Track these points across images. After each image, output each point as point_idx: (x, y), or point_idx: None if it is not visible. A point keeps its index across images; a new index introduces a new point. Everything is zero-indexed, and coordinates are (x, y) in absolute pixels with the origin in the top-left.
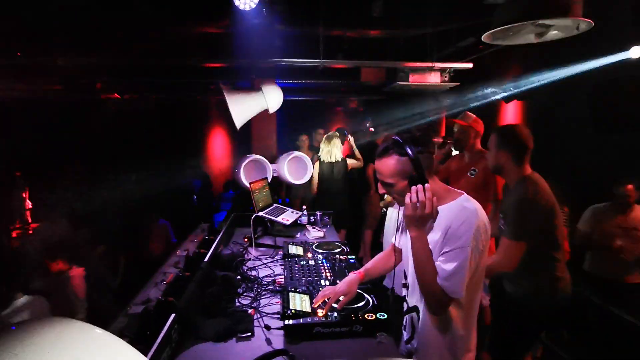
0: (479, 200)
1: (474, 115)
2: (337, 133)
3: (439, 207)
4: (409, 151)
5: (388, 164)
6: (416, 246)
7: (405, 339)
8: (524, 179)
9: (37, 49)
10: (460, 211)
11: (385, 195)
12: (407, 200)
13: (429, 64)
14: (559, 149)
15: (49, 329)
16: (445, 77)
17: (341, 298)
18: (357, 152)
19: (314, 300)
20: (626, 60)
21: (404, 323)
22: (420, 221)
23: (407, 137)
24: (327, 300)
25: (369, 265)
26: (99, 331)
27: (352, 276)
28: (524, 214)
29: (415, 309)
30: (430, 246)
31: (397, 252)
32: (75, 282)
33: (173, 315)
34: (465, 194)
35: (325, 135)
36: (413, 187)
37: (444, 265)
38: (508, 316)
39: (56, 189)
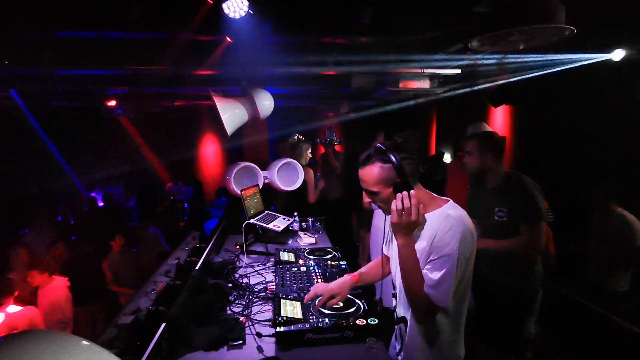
0: None
1: (489, 127)
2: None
3: (424, 215)
4: (392, 158)
5: (371, 172)
6: (403, 254)
7: (396, 350)
8: (512, 173)
9: (31, 56)
10: (445, 219)
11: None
12: (392, 207)
13: (418, 70)
14: (545, 152)
15: (34, 342)
16: (435, 82)
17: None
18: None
19: (305, 296)
20: (608, 62)
21: (395, 334)
22: (406, 229)
23: (390, 144)
24: (316, 302)
25: (363, 269)
26: (85, 343)
27: (347, 278)
28: (537, 196)
29: (403, 319)
30: (417, 255)
31: (387, 260)
32: (58, 292)
33: (163, 324)
34: (451, 201)
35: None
36: (398, 194)
37: (431, 274)
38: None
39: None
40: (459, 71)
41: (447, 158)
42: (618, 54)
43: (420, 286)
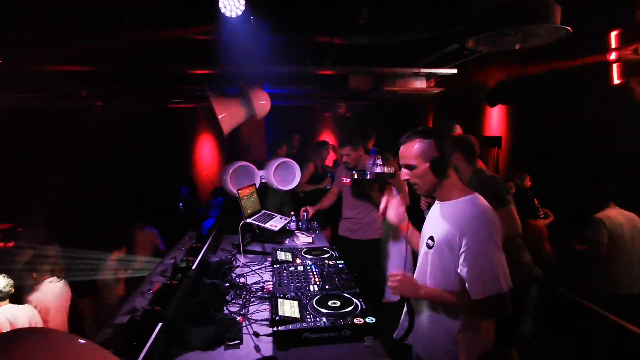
0: None
1: (459, 126)
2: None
3: (448, 201)
4: (434, 135)
5: (412, 146)
6: (431, 298)
7: (405, 326)
8: (478, 170)
9: (20, 56)
10: (467, 208)
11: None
12: (390, 287)
13: (415, 70)
14: (542, 151)
15: (32, 340)
16: (431, 82)
17: None
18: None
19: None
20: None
21: (404, 310)
22: (411, 289)
23: (430, 127)
24: None
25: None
26: (82, 341)
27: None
28: (497, 184)
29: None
30: (437, 245)
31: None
32: (53, 288)
33: (160, 324)
34: (476, 194)
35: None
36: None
37: (466, 269)
38: None
39: (40, 198)
40: (455, 71)
41: None
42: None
43: (459, 300)
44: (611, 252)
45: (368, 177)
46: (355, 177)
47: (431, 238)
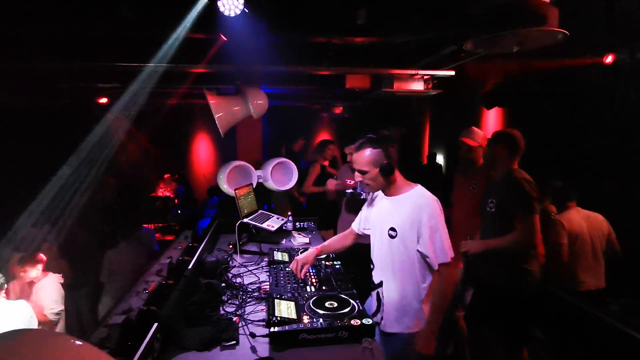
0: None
1: (482, 132)
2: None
3: (398, 196)
4: (382, 145)
5: (364, 155)
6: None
7: (372, 311)
8: (515, 170)
9: (16, 53)
10: (414, 199)
11: None
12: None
13: (413, 72)
14: (538, 154)
15: (27, 341)
16: (429, 84)
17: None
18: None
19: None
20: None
21: (372, 297)
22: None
23: (379, 135)
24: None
25: (326, 243)
26: (78, 342)
27: (311, 250)
28: (529, 188)
29: (380, 284)
30: (400, 234)
31: (354, 236)
32: (48, 288)
33: (155, 324)
34: (419, 185)
35: None
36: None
37: (428, 248)
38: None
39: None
40: (453, 73)
41: (440, 159)
42: (609, 59)
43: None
44: (572, 251)
45: (362, 197)
46: (349, 197)
47: (392, 229)
